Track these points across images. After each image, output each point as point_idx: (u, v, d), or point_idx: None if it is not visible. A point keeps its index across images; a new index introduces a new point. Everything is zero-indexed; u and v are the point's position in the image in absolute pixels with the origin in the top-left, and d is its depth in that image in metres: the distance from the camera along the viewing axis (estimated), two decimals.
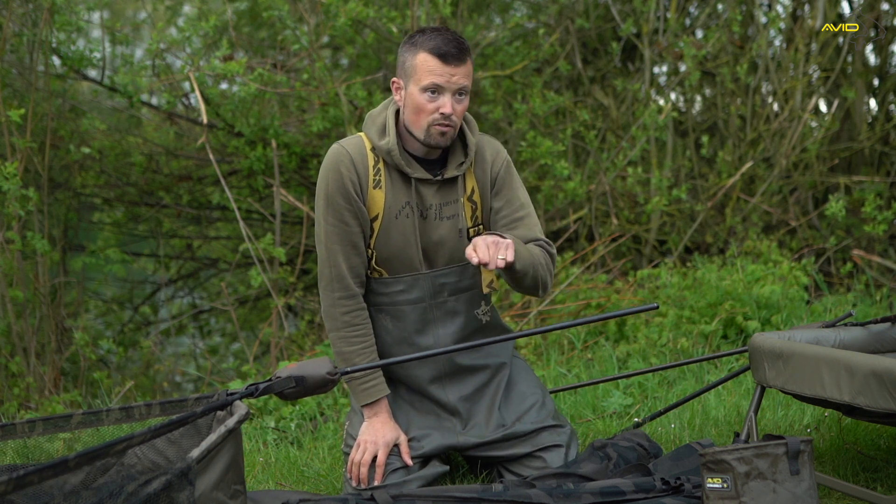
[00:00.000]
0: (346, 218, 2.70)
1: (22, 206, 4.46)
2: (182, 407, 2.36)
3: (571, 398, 3.65)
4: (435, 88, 2.62)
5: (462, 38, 2.66)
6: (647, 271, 5.02)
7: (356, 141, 2.75)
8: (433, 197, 2.74)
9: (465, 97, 2.66)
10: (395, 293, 2.78)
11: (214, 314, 7.17)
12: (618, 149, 5.63)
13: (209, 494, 2.09)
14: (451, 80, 2.62)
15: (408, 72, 2.66)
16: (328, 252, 2.72)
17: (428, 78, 2.62)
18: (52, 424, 2.30)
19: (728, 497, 2.40)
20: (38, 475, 1.67)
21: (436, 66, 2.61)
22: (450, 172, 2.73)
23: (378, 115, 2.77)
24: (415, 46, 2.65)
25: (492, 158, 2.79)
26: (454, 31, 2.69)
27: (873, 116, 6.24)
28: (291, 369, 2.41)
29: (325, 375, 2.41)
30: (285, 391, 2.39)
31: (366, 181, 2.71)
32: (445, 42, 2.62)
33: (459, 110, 2.66)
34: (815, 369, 2.54)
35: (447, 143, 2.69)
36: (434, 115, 2.64)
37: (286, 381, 2.39)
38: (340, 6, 4.97)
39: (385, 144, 2.70)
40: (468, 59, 2.65)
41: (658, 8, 5.80)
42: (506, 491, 2.54)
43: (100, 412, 2.30)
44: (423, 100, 2.64)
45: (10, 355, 4.87)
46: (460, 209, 2.76)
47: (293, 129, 5.79)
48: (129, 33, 6.32)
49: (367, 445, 2.71)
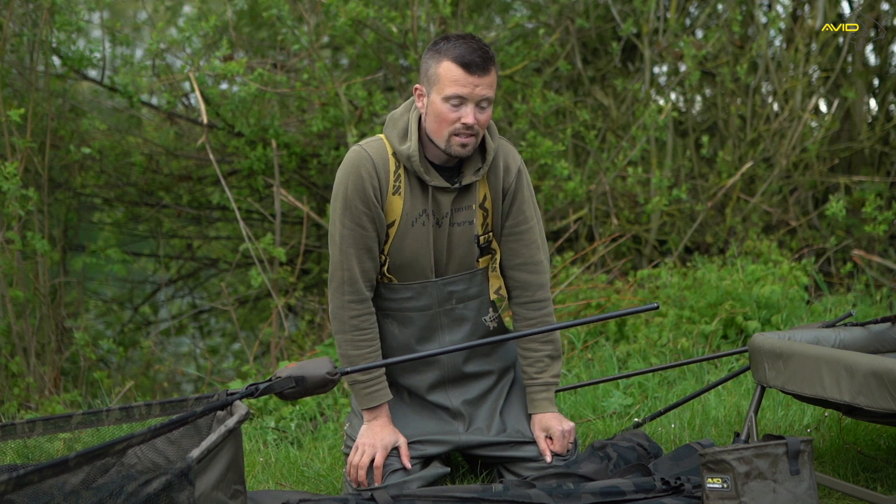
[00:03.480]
0: (363, 222, 2.68)
1: (22, 206, 4.46)
2: (182, 407, 2.36)
3: (571, 398, 3.65)
4: (458, 99, 2.59)
5: (487, 47, 2.62)
6: (647, 271, 5.01)
7: (378, 144, 2.71)
8: (449, 204, 2.72)
9: (488, 107, 2.63)
10: (404, 300, 2.77)
11: (214, 314, 7.17)
12: (618, 149, 5.63)
13: (209, 494, 2.08)
14: (474, 90, 2.59)
15: (431, 79, 2.63)
16: (342, 255, 2.70)
17: (451, 88, 2.58)
18: (53, 425, 2.31)
19: (728, 497, 2.40)
20: (38, 474, 1.68)
21: (459, 76, 2.58)
22: (467, 178, 2.71)
23: (400, 117, 2.73)
24: (439, 54, 2.61)
25: (506, 167, 2.77)
26: (480, 39, 2.65)
27: (873, 116, 6.24)
28: (291, 369, 2.41)
29: (325, 375, 2.41)
30: (285, 391, 2.39)
31: (386, 186, 2.68)
32: (470, 51, 2.58)
33: (482, 120, 2.62)
34: (815, 369, 2.53)
35: (468, 153, 2.66)
36: (456, 124, 2.61)
37: (286, 381, 2.39)
38: (340, 6, 4.97)
39: (406, 150, 2.66)
40: (492, 69, 2.61)
41: (658, 8, 5.80)
42: (506, 491, 2.54)
43: (100, 412, 2.30)
44: (445, 109, 2.60)
45: (10, 355, 4.87)
46: (473, 216, 2.75)
47: (293, 129, 5.79)
48: (129, 33, 6.31)
49: (366, 448, 2.70)
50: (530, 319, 2.84)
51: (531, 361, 2.83)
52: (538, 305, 2.83)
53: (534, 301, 2.83)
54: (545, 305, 2.84)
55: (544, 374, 2.82)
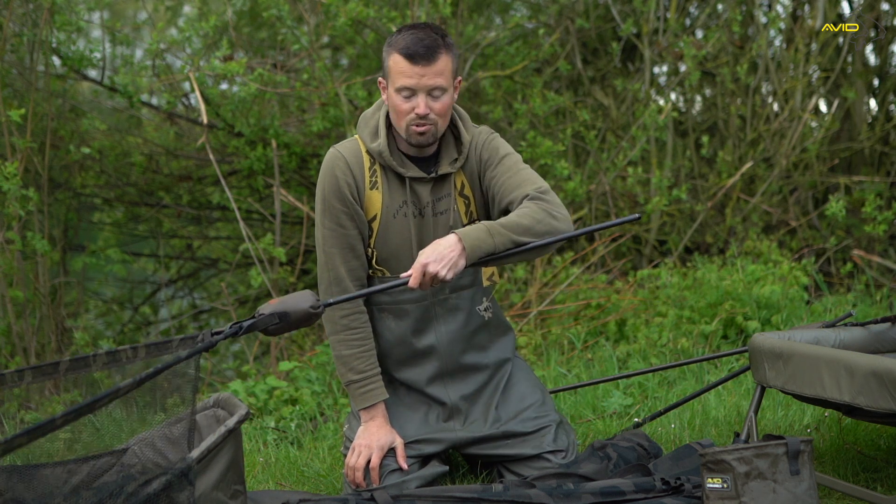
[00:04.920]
0: (342, 221, 2.71)
1: (22, 206, 4.46)
2: (166, 348, 2.31)
3: (571, 398, 3.66)
4: (407, 90, 2.61)
5: (435, 35, 2.60)
6: (647, 271, 5.02)
7: (351, 144, 2.76)
8: (428, 194, 2.74)
9: (442, 95, 2.62)
10: (397, 292, 2.77)
11: (214, 314, 7.16)
12: (618, 149, 5.63)
13: (209, 494, 2.09)
14: (420, 80, 2.60)
15: (386, 73, 2.66)
16: (326, 256, 2.73)
17: (399, 80, 2.61)
18: (41, 372, 2.21)
19: (728, 497, 2.40)
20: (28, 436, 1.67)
21: (405, 68, 2.59)
22: (443, 169, 2.73)
23: (371, 116, 2.77)
24: (390, 47, 2.64)
25: (477, 147, 2.75)
26: (433, 26, 2.64)
27: (873, 116, 6.24)
28: (274, 305, 2.38)
29: (307, 309, 2.39)
30: (269, 327, 2.36)
31: (362, 183, 2.71)
32: (415, 42, 2.59)
33: (437, 108, 2.63)
34: (815, 369, 2.54)
35: (429, 141, 2.68)
36: (410, 115, 2.63)
37: (270, 317, 2.36)
38: (340, 6, 4.97)
39: (376, 146, 2.70)
40: (440, 57, 2.60)
41: (658, 8, 5.80)
42: (506, 491, 2.54)
43: (87, 357, 2.24)
44: (398, 101, 2.63)
45: (10, 355, 4.87)
46: (453, 203, 2.76)
47: (293, 129, 5.79)
48: (129, 33, 6.31)
49: (362, 449, 2.71)
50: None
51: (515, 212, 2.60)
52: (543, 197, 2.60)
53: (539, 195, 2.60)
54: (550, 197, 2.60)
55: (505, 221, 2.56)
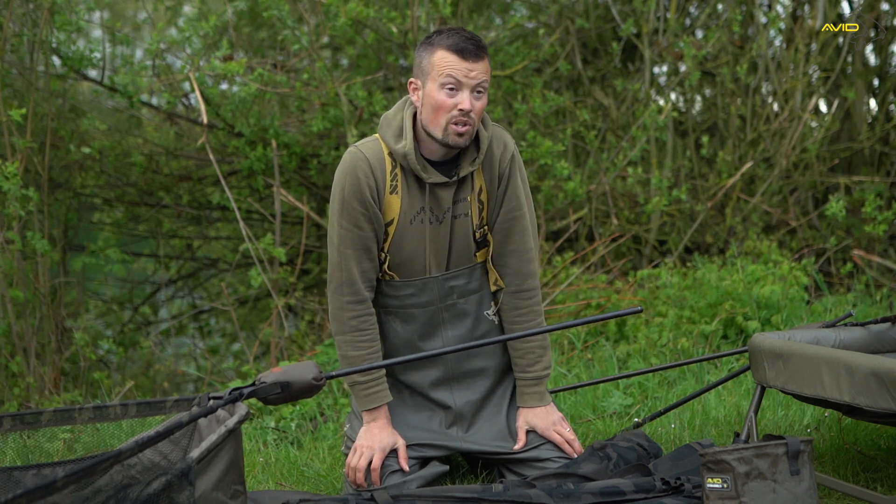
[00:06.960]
0: (360, 223, 2.69)
1: (22, 206, 4.46)
2: (159, 408, 2.30)
3: (571, 398, 3.65)
4: (454, 83, 2.61)
5: (479, 37, 2.67)
6: (647, 271, 5.01)
7: (374, 145, 2.73)
8: (449, 199, 2.73)
9: (483, 94, 2.65)
10: (406, 296, 2.77)
11: (214, 314, 7.16)
12: (618, 149, 5.63)
13: (209, 494, 2.09)
14: (469, 75, 2.61)
15: (425, 70, 2.65)
16: (340, 256, 2.71)
17: (447, 73, 2.61)
18: (20, 421, 2.21)
19: (728, 497, 2.40)
20: (27, 497, 1.66)
21: (455, 61, 2.61)
22: (464, 170, 2.72)
23: (393, 117, 2.74)
24: (432, 45, 2.65)
25: (499, 154, 2.77)
26: (470, 31, 2.69)
27: (873, 116, 6.24)
28: (276, 374, 2.38)
29: (310, 381, 2.39)
30: (270, 396, 2.36)
31: (383, 186, 2.69)
32: (463, 39, 2.62)
33: (478, 107, 2.64)
34: (815, 369, 2.53)
35: (465, 143, 2.67)
36: (453, 111, 2.62)
37: (271, 386, 2.36)
38: (340, 6, 4.97)
39: (401, 148, 2.67)
40: (485, 57, 2.65)
41: (658, 8, 5.80)
42: (506, 491, 2.54)
43: (72, 410, 2.24)
44: (441, 96, 2.62)
45: (11, 355, 4.87)
46: (469, 207, 2.76)
47: (293, 130, 5.78)
48: (129, 33, 6.31)
49: (364, 450, 2.71)
50: (520, 309, 2.84)
51: (522, 353, 2.83)
52: (527, 294, 2.83)
53: (523, 290, 2.83)
54: (534, 295, 2.84)
55: (536, 367, 2.82)
